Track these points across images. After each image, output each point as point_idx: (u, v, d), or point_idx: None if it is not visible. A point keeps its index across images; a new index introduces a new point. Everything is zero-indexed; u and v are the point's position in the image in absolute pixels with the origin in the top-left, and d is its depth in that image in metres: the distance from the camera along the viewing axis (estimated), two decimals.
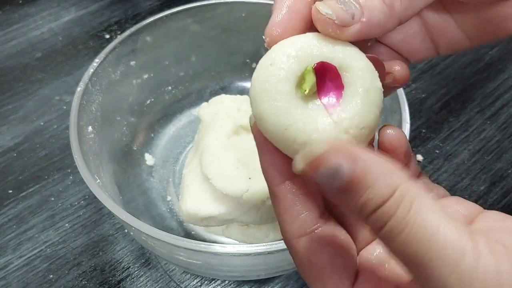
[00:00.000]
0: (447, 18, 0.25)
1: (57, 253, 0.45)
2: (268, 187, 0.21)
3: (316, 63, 0.20)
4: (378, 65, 0.22)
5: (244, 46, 0.55)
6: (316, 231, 0.20)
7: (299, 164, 0.17)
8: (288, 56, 0.20)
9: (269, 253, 0.32)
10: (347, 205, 0.17)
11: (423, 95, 0.60)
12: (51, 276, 0.44)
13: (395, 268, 0.21)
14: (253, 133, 0.21)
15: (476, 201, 0.50)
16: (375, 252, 0.22)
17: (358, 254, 0.22)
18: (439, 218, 0.16)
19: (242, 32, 0.53)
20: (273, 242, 0.32)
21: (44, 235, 0.47)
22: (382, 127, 0.24)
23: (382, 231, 0.17)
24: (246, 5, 0.51)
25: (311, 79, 0.20)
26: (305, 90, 0.20)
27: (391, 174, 0.17)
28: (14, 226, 0.47)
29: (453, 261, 0.15)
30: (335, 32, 0.20)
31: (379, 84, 0.21)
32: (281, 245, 0.32)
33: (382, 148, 0.23)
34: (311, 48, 0.20)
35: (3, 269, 0.44)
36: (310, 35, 0.21)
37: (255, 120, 0.21)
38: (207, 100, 0.50)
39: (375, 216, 0.17)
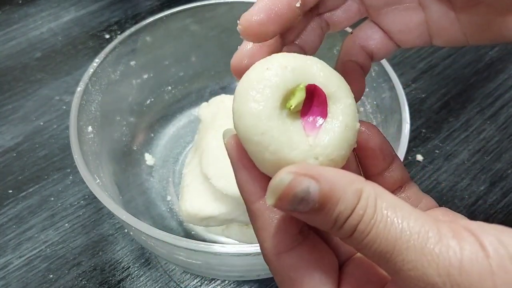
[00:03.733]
0: (452, 17, 0.25)
1: (57, 253, 0.45)
2: (245, 204, 0.21)
3: (309, 84, 0.20)
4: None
5: None
6: (294, 248, 0.20)
7: (269, 200, 0.18)
8: (285, 67, 0.20)
9: None
10: (322, 224, 0.18)
11: (423, 95, 0.60)
12: (51, 276, 0.44)
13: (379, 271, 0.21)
14: (227, 149, 0.21)
15: (476, 201, 0.50)
16: (361, 257, 0.22)
17: (344, 263, 0.22)
18: (402, 211, 0.17)
19: None
20: None
21: (44, 235, 0.47)
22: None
23: (353, 235, 0.17)
24: (246, 5, 0.51)
25: (300, 96, 0.20)
26: (291, 106, 0.20)
27: (353, 182, 0.17)
28: (14, 226, 0.47)
29: (419, 245, 0.16)
30: None
31: (358, 125, 0.21)
32: None
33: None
34: (309, 69, 0.21)
35: (3, 269, 0.44)
36: (312, 58, 0.21)
37: (234, 117, 0.21)
38: (207, 100, 0.50)
39: (347, 225, 0.17)
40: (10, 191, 0.50)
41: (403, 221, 0.16)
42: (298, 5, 0.22)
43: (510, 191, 0.51)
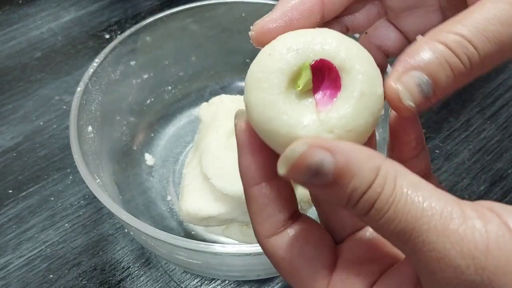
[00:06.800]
0: None
1: (57, 253, 0.45)
2: (243, 187, 0.22)
3: (315, 60, 0.20)
4: None
5: (244, 46, 0.54)
6: (284, 230, 0.21)
7: (281, 169, 0.17)
8: (288, 48, 0.20)
9: None
10: (335, 199, 0.17)
11: None
12: (51, 276, 0.44)
13: (380, 249, 0.21)
14: (236, 131, 0.21)
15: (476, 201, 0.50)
16: (364, 235, 0.22)
17: (343, 241, 0.22)
18: (423, 191, 0.16)
19: (242, 32, 0.53)
20: None
21: (44, 235, 0.47)
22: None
23: (370, 213, 0.16)
24: (246, 5, 0.51)
25: (306, 76, 0.20)
26: (299, 86, 0.20)
27: (371, 157, 0.17)
28: (14, 226, 0.47)
29: (441, 226, 0.15)
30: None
31: (380, 90, 0.20)
32: None
33: (390, 129, 0.23)
34: (314, 44, 0.20)
35: (3, 269, 0.44)
36: (315, 31, 0.21)
37: (245, 108, 0.21)
38: (207, 100, 0.50)
39: (362, 202, 0.16)
40: (10, 191, 0.50)
41: (425, 200, 0.16)
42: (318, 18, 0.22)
43: (510, 190, 0.51)
